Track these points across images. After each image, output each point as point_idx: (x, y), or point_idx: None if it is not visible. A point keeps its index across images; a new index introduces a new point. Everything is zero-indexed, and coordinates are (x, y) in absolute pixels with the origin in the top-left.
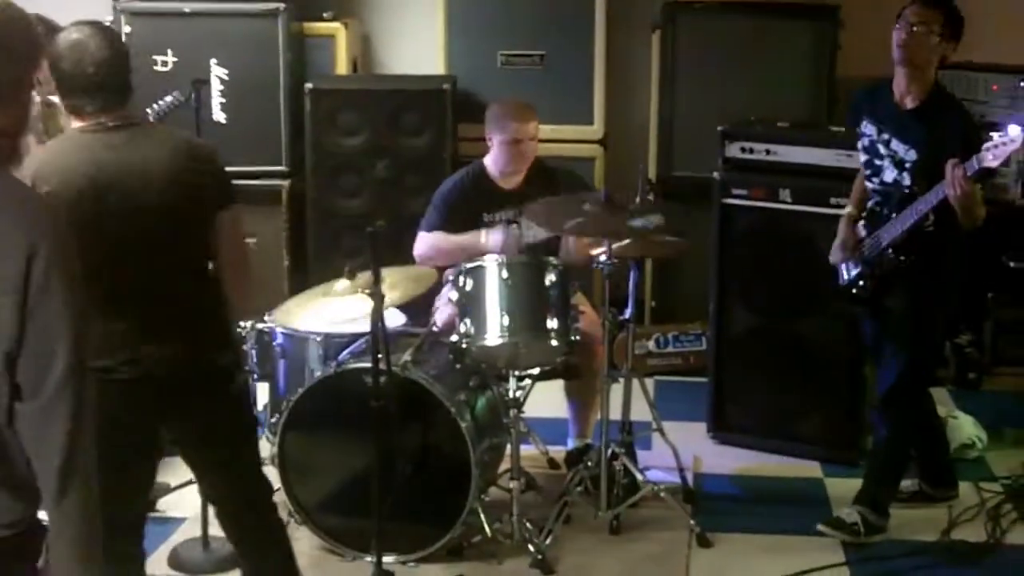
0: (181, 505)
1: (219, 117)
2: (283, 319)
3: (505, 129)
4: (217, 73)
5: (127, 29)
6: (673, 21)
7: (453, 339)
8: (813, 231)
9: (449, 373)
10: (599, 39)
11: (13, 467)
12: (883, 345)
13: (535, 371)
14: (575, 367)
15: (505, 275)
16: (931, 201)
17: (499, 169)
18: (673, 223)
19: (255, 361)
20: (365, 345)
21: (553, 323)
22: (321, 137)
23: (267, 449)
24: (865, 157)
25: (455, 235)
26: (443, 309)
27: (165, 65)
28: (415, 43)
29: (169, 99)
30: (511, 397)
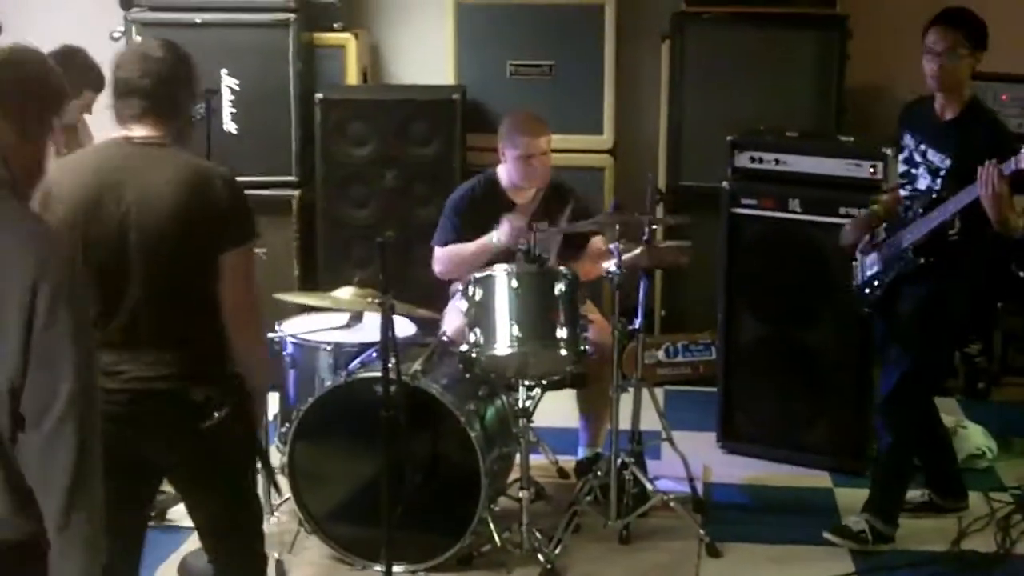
0: None
1: (230, 127)
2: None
3: (516, 144)
4: (228, 83)
5: (138, 40)
6: (682, 31)
7: (463, 349)
8: (822, 241)
9: (459, 383)
10: (608, 49)
11: (22, 486)
12: (889, 348)
13: (545, 381)
14: (584, 376)
15: (515, 284)
16: (963, 200)
17: (512, 182)
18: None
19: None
20: (375, 355)
21: (563, 333)
22: (331, 147)
23: (277, 459)
24: (903, 168)
25: (467, 244)
26: (452, 319)
27: None
28: (424, 53)
29: None
30: (520, 407)
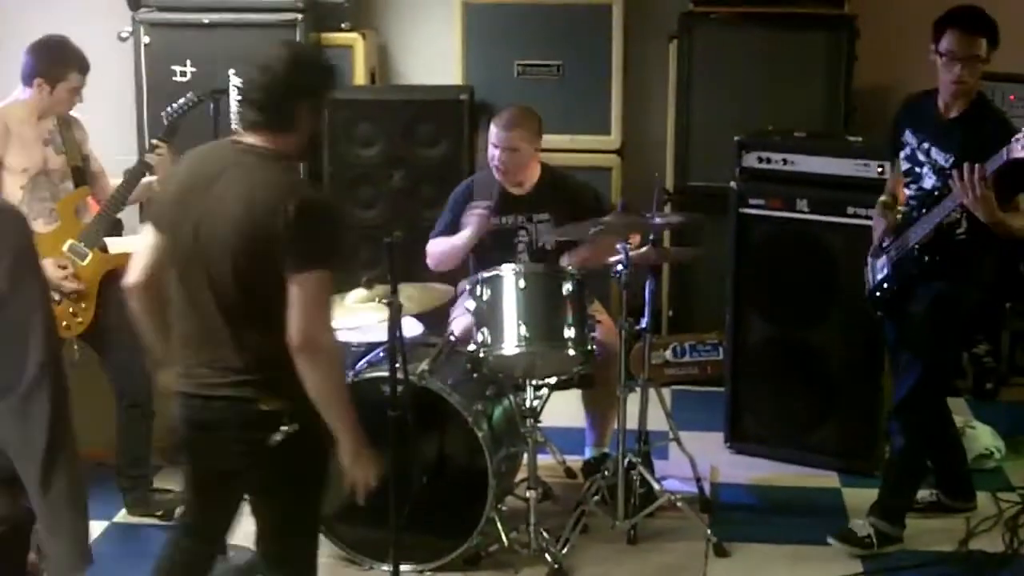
0: None
1: (237, 128)
2: None
3: (490, 133)
4: (235, 83)
5: (146, 40)
6: (690, 31)
7: (470, 348)
8: (830, 241)
9: (466, 383)
10: (616, 49)
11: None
12: (901, 352)
13: (552, 380)
14: (592, 376)
15: (522, 284)
16: (952, 202)
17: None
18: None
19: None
20: (382, 354)
21: (570, 332)
22: (339, 147)
23: None
24: (907, 166)
25: (449, 237)
26: (460, 318)
27: (184, 75)
28: (432, 53)
29: (182, 101)
30: (528, 406)
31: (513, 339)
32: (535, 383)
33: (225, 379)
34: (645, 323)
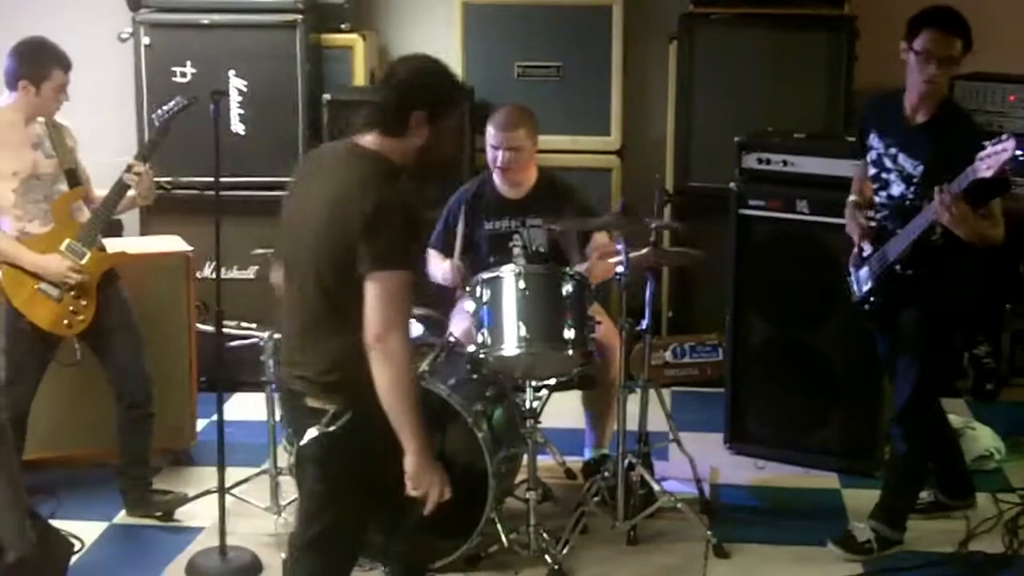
0: (199, 515)
1: (237, 128)
2: None
3: (488, 134)
4: (235, 84)
5: (146, 41)
6: (690, 32)
7: (470, 349)
8: (830, 242)
9: (466, 383)
10: (616, 50)
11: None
12: (896, 360)
13: (552, 381)
14: (592, 377)
15: (522, 285)
16: (928, 217)
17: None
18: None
19: (272, 371)
20: None
21: (570, 333)
22: None
23: (285, 459)
24: (873, 171)
25: (441, 263)
26: (460, 320)
27: (184, 76)
28: (432, 54)
29: (172, 103)
30: (528, 407)
31: (513, 340)
32: (535, 384)
33: (296, 372)
34: (645, 324)
